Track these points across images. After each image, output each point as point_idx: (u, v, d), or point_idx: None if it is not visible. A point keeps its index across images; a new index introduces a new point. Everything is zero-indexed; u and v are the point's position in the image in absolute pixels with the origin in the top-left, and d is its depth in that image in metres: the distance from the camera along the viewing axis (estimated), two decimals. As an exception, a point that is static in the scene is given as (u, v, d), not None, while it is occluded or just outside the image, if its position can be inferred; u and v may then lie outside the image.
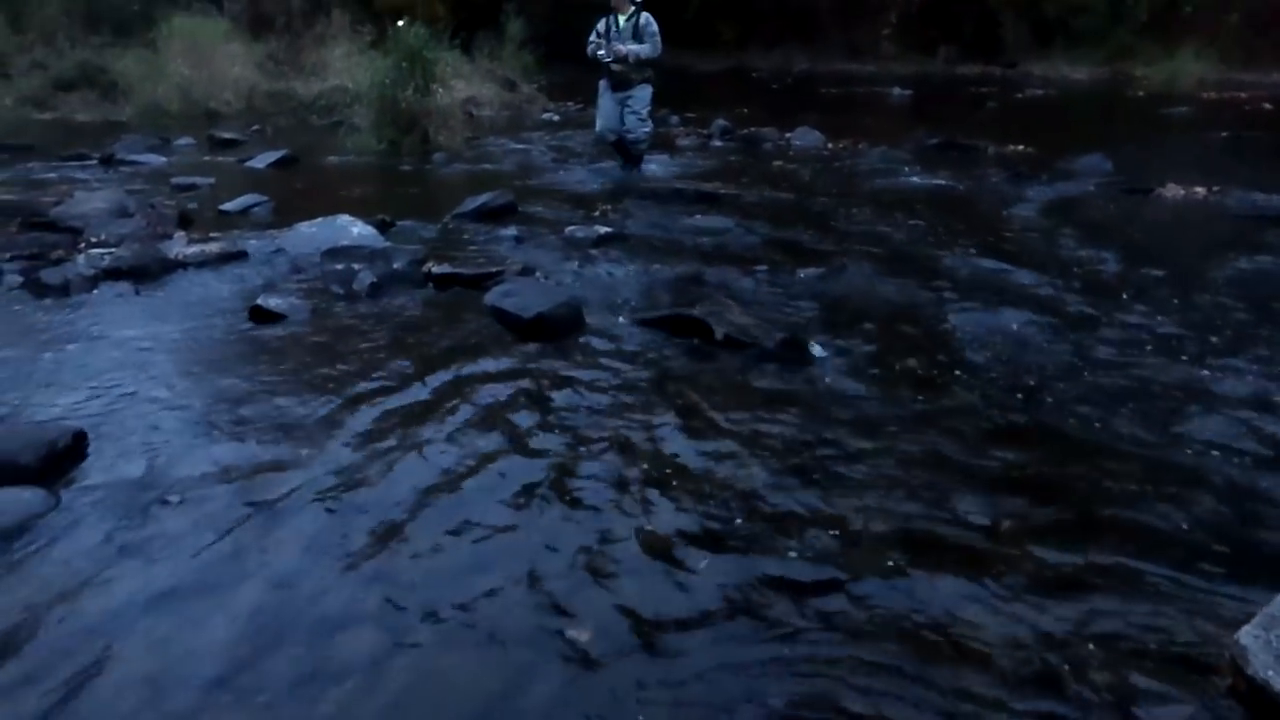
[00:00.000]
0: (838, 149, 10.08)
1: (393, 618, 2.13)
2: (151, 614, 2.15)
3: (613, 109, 8.07)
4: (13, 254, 5.27)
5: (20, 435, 2.95)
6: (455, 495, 2.68)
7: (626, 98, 7.97)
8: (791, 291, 4.68)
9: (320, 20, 16.06)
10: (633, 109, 8.01)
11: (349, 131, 9.99)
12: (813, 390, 3.43)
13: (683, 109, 13.49)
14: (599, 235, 5.69)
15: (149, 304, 4.54)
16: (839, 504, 2.63)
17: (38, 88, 14.42)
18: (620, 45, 7.71)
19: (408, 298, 4.57)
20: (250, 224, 6.21)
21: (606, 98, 8.08)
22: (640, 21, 7.76)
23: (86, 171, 8.56)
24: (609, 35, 7.84)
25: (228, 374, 3.60)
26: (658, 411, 3.26)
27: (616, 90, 7.99)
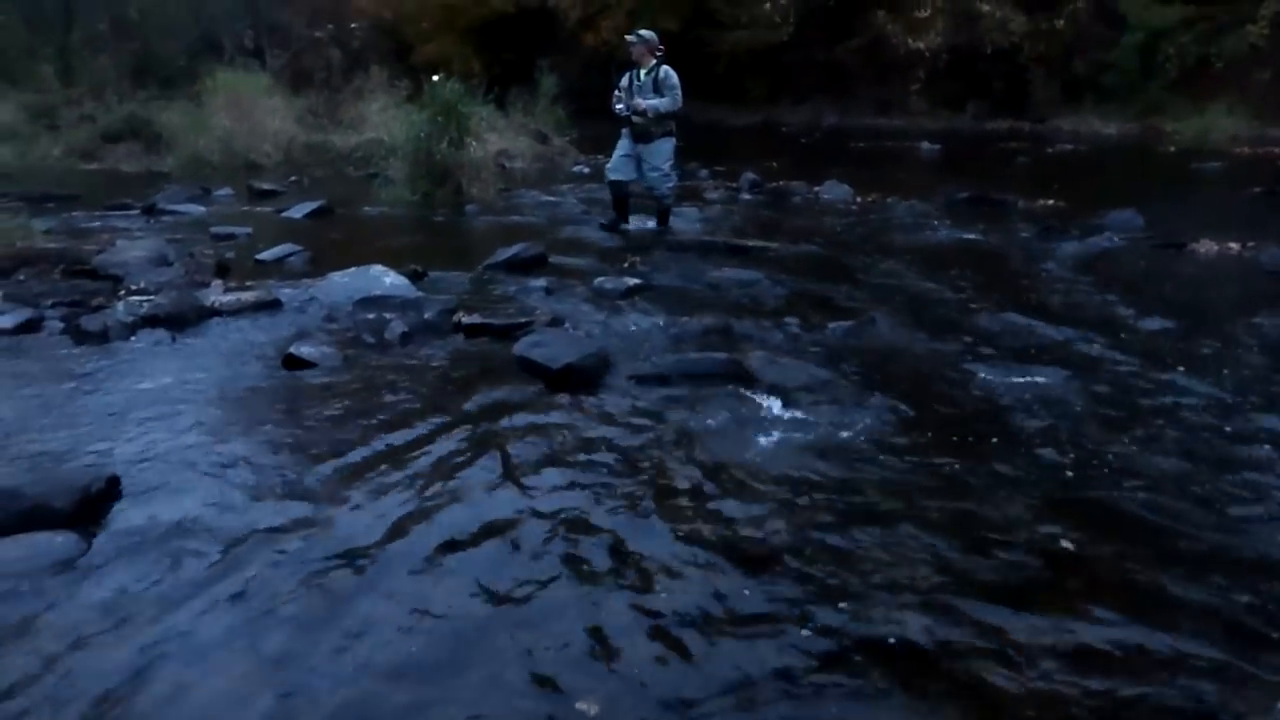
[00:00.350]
0: (867, 203, 10.12)
1: (411, 677, 2.13)
2: (175, 662, 2.15)
3: (628, 156, 7.99)
4: (54, 300, 5.40)
5: (55, 479, 2.99)
6: (475, 553, 2.66)
7: (647, 151, 7.93)
8: (821, 345, 4.67)
9: (359, 75, 16.46)
10: (653, 164, 7.94)
11: (384, 183, 10.17)
12: (841, 449, 3.41)
13: (712, 162, 13.64)
14: (628, 287, 5.73)
15: (184, 351, 4.61)
16: (863, 576, 2.58)
17: (85, 139, 14.86)
18: (640, 100, 7.70)
19: (438, 347, 4.61)
20: (285, 273, 6.32)
21: (623, 143, 8.04)
22: (660, 75, 7.73)
23: (129, 221, 8.77)
24: (631, 88, 7.83)
25: (260, 421, 3.64)
26: (682, 467, 3.24)
27: (636, 142, 7.96)
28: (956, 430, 3.58)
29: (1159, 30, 20.68)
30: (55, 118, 15.79)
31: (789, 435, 3.50)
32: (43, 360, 4.46)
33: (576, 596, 2.44)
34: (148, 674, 2.11)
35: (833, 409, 3.76)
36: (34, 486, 2.89)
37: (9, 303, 5.35)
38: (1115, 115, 21.56)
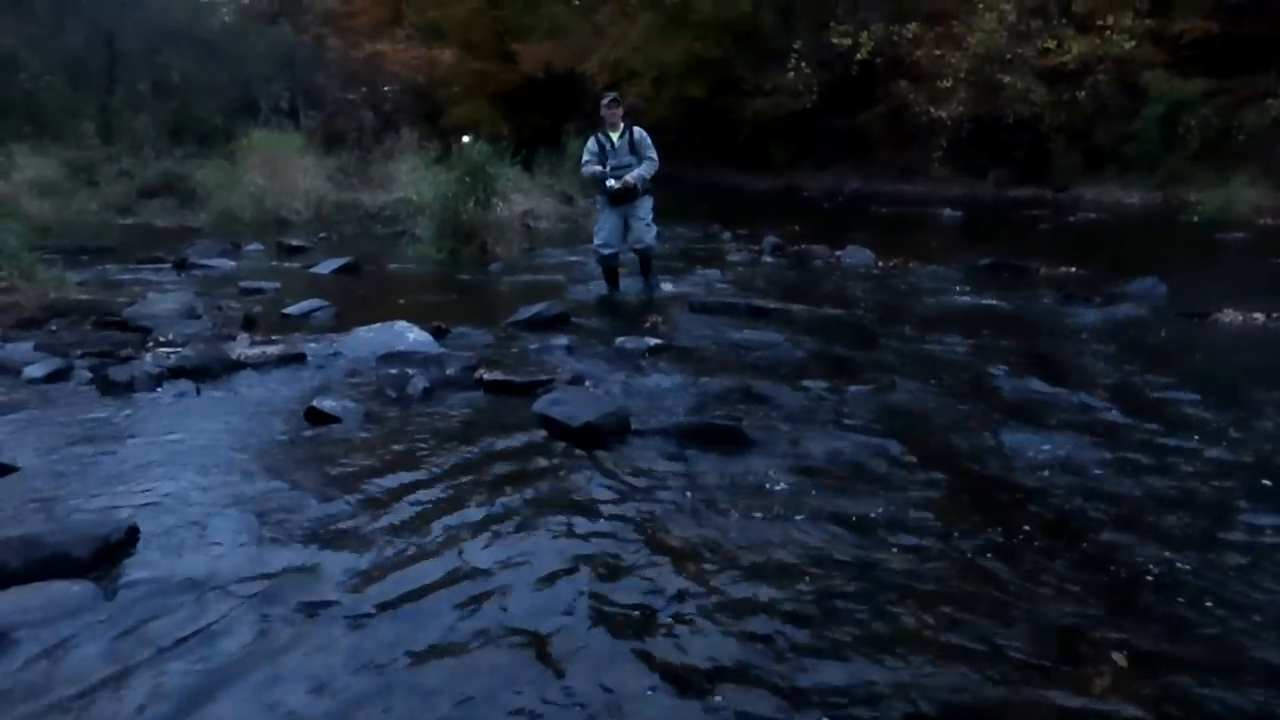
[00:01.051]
0: (888, 267, 10.16)
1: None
2: (185, 715, 2.14)
3: (615, 224, 7.79)
4: (84, 351, 5.49)
5: (75, 528, 3.02)
6: (491, 607, 2.66)
7: (630, 210, 7.73)
8: (841, 408, 4.66)
9: (390, 136, 16.82)
10: (638, 216, 7.75)
11: (411, 241, 10.34)
12: (857, 517, 3.38)
13: (734, 225, 13.76)
14: (649, 347, 5.76)
15: (209, 403, 4.66)
16: (881, 644, 2.55)
17: (122, 194, 15.22)
18: (629, 173, 7.52)
19: (459, 403, 4.64)
20: (311, 328, 6.40)
21: (607, 214, 7.82)
22: (635, 137, 7.60)
23: (160, 274, 8.94)
24: (605, 154, 7.61)
25: (281, 474, 3.66)
26: (698, 526, 3.23)
27: (618, 205, 7.73)
28: (976, 500, 3.55)
29: (1180, 102, 20.80)
30: (94, 173, 16.19)
31: (804, 501, 3.47)
32: (69, 409, 4.53)
33: (593, 655, 2.42)
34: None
35: (850, 475, 3.73)
36: (54, 535, 2.92)
37: (40, 352, 5.45)
38: (1137, 184, 21.61)
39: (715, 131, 29.74)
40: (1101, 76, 21.93)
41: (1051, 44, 22.33)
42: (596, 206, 8.00)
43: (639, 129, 7.66)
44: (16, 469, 3.64)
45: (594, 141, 7.67)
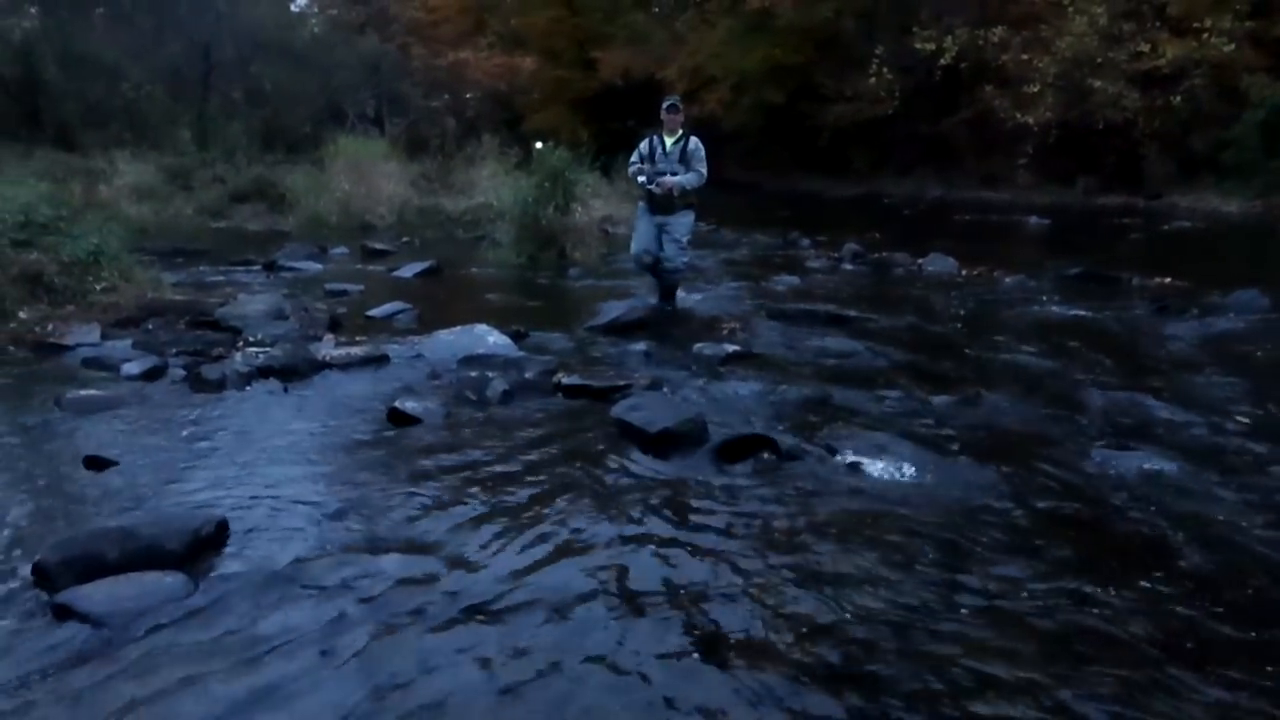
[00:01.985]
0: (971, 276, 9.93)
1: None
2: (267, 708, 2.18)
3: (650, 232, 7.42)
4: (179, 350, 5.67)
5: (168, 521, 3.11)
6: (569, 607, 2.66)
7: (666, 223, 7.34)
8: (923, 419, 4.55)
9: (471, 142, 17.07)
10: (673, 235, 7.35)
11: (491, 245, 10.47)
12: (943, 528, 3.29)
13: (813, 232, 13.62)
14: (727, 353, 5.71)
15: (296, 402, 4.77)
16: (953, 675, 2.48)
17: (215, 199, 15.73)
18: (668, 176, 7.14)
19: (537, 406, 4.67)
20: (394, 330, 6.51)
21: (645, 220, 7.46)
22: (689, 146, 7.20)
23: (250, 276, 9.21)
24: (654, 157, 7.28)
25: (364, 473, 3.73)
26: (778, 535, 3.18)
27: (656, 214, 7.38)
28: (1064, 516, 3.43)
29: (1282, 108, 19.96)
30: (190, 179, 16.77)
31: (887, 512, 3.40)
32: (163, 406, 4.68)
33: (664, 660, 2.39)
34: (246, 716, 2.14)
35: (933, 488, 3.64)
36: (149, 527, 3.01)
37: (137, 350, 5.65)
38: (1236, 193, 20.75)
39: (794, 138, 29.53)
40: (1198, 81, 21.15)
41: (1145, 47, 21.63)
42: (638, 213, 7.61)
43: (695, 139, 7.28)
44: (115, 463, 3.77)
45: (645, 143, 7.37)
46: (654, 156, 7.28)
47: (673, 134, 7.27)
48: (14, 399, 4.85)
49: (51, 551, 2.82)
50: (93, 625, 2.52)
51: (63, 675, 2.32)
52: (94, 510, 3.35)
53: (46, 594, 2.68)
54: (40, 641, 2.46)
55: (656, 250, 7.45)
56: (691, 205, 7.44)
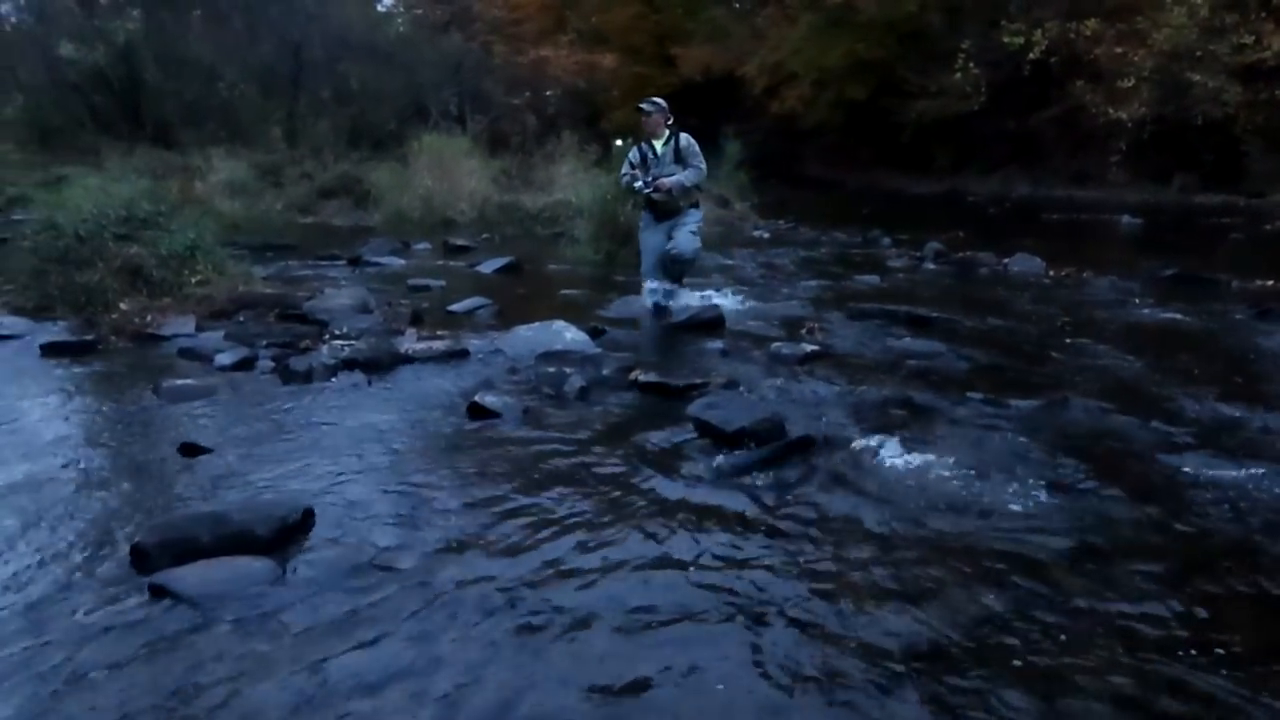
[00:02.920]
0: (1059, 277, 9.65)
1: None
2: (356, 693, 2.23)
3: (657, 246, 7.14)
4: (268, 341, 5.85)
5: (257, 508, 3.21)
6: (643, 600, 2.67)
7: (674, 224, 7.10)
8: (1008, 423, 4.44)
9: (551, 140, 17.23)
10: (682, 223, 7.07)
11: (569, 242, 10.54)
12: (1028, 536, 3.21)
13: (894, 230, 13.39)
14: (805, 353, 5.66)
15: (379, 394, 4.88)
16: (1052, 681, 2.41)
17: (303, 195, 16.21)
18: (664, 177, 6.86)
19: (614, 403, 4.69)
20: (474, 325, 6.61)
21: (650, 231, 7.20)
22: (681, 144, 6.94)
23: (336, 270, 9.45)
24: (646, 163, 7.02)
25: (445, 466, 3.80)
26: (856, 537, 3.14)
27: (661, 220, 7.12)
28: (1153, 528, 3.30)
29: (1400, 101, 18.94)
30: (279, 175, 17.31)
31: (970, 518, 3.32)
32: (253, 396, 4.83)
33: (744, 667, 2.38)
34: (326, 703, 2.19)
35: (1016, 495, 3.55)
36: (239, 513, 3.11)
37: (229, 341, 5.85)
38: (1348, 191, 19.74)
39: (875, 134, 29.08)
40: (1307, 72, 20.17)
41: (1248, 39, 20.69)
42: (642, 224, 7.34)
43: (685, 136, 7.01)
44: (208, 450, 3.91)
45: (635, 152, 7.12)
46: (646, 163, 7.03)
47: (658, 137, 7.01)
48: (115, 386, 5.06)
49: (149, 534, 2.93)
50: (186, 605, 2.61)
51: (157, 653, 2.41)
52: (188, 495, 3.48)
53: (143, 574, 2.79)
54: (137, 620, 2.57)
55: (664, 277, 7.20)
56: (696, 205, 7.20)
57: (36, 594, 2.71)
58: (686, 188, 6.94)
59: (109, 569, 2.86)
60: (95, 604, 2.65)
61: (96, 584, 2.77)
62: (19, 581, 2.79)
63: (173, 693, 2.24)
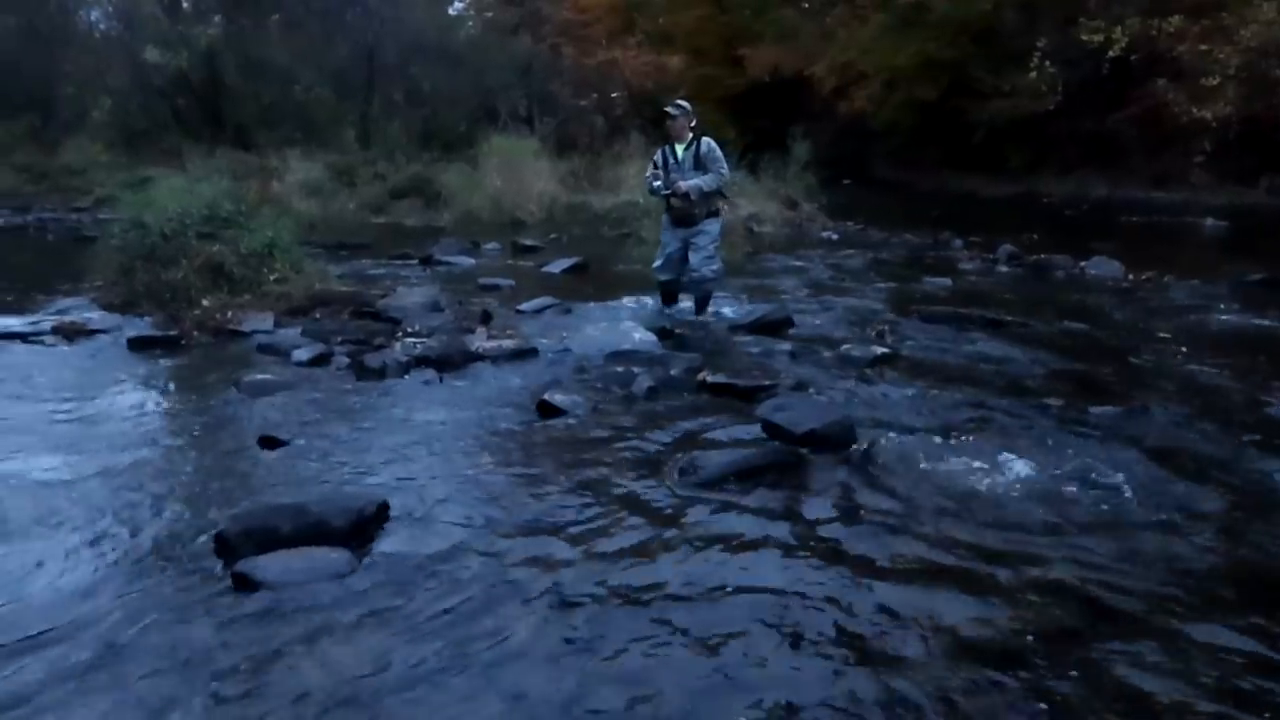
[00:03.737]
0: (1139, 281, 9.38)
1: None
2: (427, 682, 2.28)
3: (674, 249, 7.01)
4: (344, 338, 5.98)
5: (334, 500, 3.29)
6: (713, 601, 2.67)
7: (693, 235, 6.89)
8: (1086, 431, 4.33)
9: (618, 141, 17.30)
10: (699, 246, 6.88)
11: (636, 243, 10.56)
12: (1104, 545, 3.13)
13: (966, 233, 13.15)
14: (875, 355, 5.59)
15: (450, 391, 4.96)
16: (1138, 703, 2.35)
17: (376, 196, 16.53)
18: (681, 181, 6.72)
19: (682, 404, 4.69)
20: (542, 324, 6.66)
21: (668, 235, 7.07)
22: (702, 149, 6.80)
23: (408, 269, 9.62)
24: (667, 168, 6.91)
25: (515, 462, 3.84)
26: (931, 542, 3.10)
27: (679, 226, 6.94)
28: (1243, 543, 3.19)
29: None
30: (353, 176, 17.68)
31: (1044, 528, 3.25)
32: (329, 391, 4.95)
33: (813, 665, 2.37)
34: (395, 693, 2.24)
35: (1094, 504, 3.46)
36: (318, 505, 3.19)
37: (306, 338, 5.99)
38: None
39: (946, 135, 28.56)
40: None
41: (1343, 35, 19.86)
42: (663, 226, 7.22)
43: (707, 140, 6.88)
44: (286, 443, 4.02)
45: (659, 155, 7.03)
46: (667, 167, 6.93)
47: (681, 141, 6.89)
48: (199, 380, 5.23)
49: (232, 523, 3.02)
50: (267, 592, 2.69)
51: (239, 637, 2.48)
52: (268, 486, 3.58)
53: (226, 562, 2.88)
54: (221, 605, 2.65)
55: (677, 272, 7.09)
56: (716, 213, 7.04)
57: (127, 578, 2.82)
58: (705, 192, 6.78)
59: (194, 556, 2.96)
60: (182, 589, 2.75)
61: (183, 570, 2.87)
62: (111, 565, 2.90)
63: (252, 675, 2.31)
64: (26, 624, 2.54)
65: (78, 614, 2.60)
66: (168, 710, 2.17)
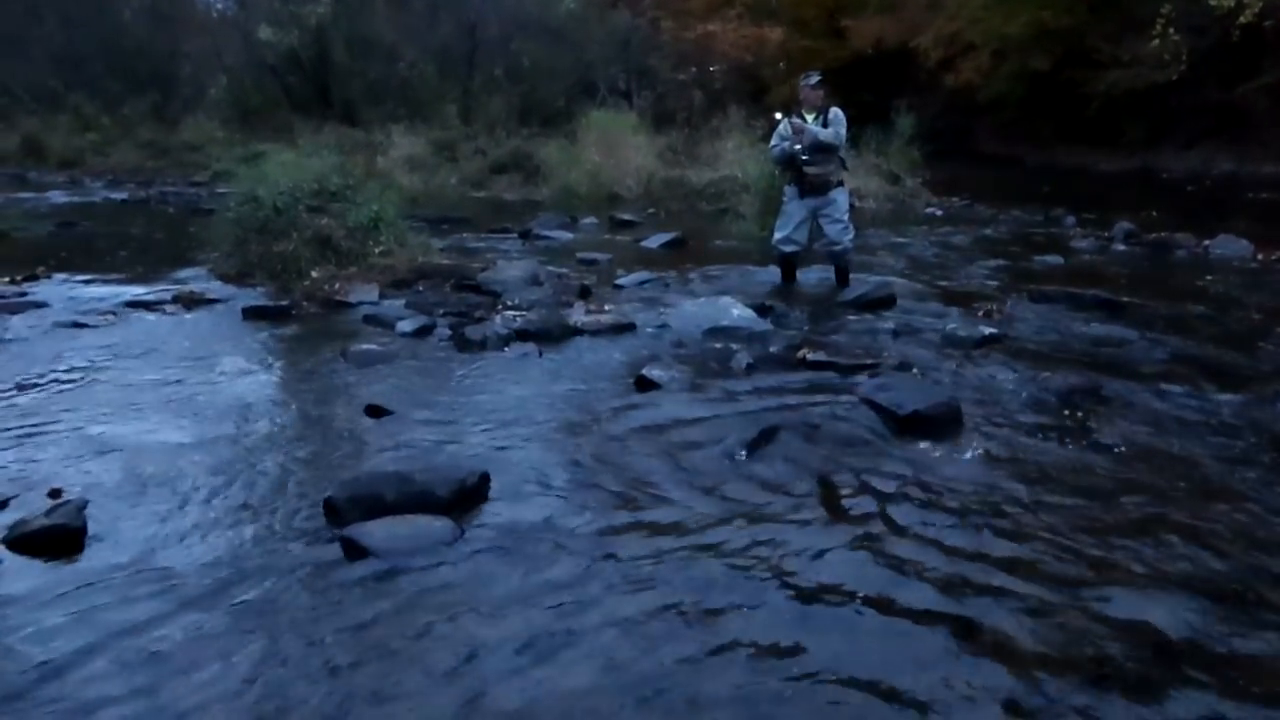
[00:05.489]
0: (1269, 261, 8.84)
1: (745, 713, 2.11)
2: (523, 654, 2.30)
3: (802, 218, 6.95)
4: (445, 310, 6.08)
5: (437, 469, 3.35)
6: (815, 578, 2.62)
7: (823, 205, 6.86)
8: (1211, 418, 4.11)
9: (717, 115, 17.11)
10: (833, 217, 6.87)
11: (735, 218, 10.44)
12: (1227, 536, 2.96)
13: (1079, 209, 12.61)
14: (982, 336, 5.41)
15: (549, 364, 4.99)
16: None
17: (476, 170, 16.76)
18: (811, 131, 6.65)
19: (782, 381, 4.62)
20: (640, 299, 6.65)
21: (794, 204, 6.96)
22: (830, 115, 6.79)
23: (507, 243, 9.73)
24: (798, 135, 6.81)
25: (614, 437, 3.84)
26: (1036, 530, 2.98)
27: (808, 195, 6.87)
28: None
29: None
30: (454, 151, 17.96)
31: (1160, 521, 3.10)
32: (432, 362, 5.04)
33: (902, 661, 2.31)
34: (496, 663, 2.27)
35: (1220, 494, 3.28)
36: (422, 474, 3.25)
37: (409, 310, 6.12)
38: None
39: (1058, 108, 27.40)
40: None
41: None
42: (784, 198, 7.13)
43: (836, 110, 6.84)
44: (391, 412, 4.11)
45: (784, 124, 6.89)
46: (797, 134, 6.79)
47: (813, 110, 6.82)
48: (308, 349, 5.39)
49: (340, 490, 3.11)
50: (374, 558, 2.75)
51: (347, 601, 2.55)
52: (374, 454, 3.66)
53: (335, 527, 2.96)
54: (329, 569, 2.73)
55: (804, 241, 7.06)
56: (843, 183, 6.98)
57: (241, 539, 2.93)
58: (820, 141, 6.68)
59: (304, 520, 3.05)
60: (293, 552, 2.84)
61: (294, 533, 2.96)
62: (226, 527, 3.01)
63: (357, 636, 2.37)
64: (146, 579, 2.66)
65: (196, 572, 2.70)
66: (274, 668, 2.24)
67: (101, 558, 2.81)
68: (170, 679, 2.20)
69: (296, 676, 2.21)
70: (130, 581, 2.65)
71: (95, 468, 3.49)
